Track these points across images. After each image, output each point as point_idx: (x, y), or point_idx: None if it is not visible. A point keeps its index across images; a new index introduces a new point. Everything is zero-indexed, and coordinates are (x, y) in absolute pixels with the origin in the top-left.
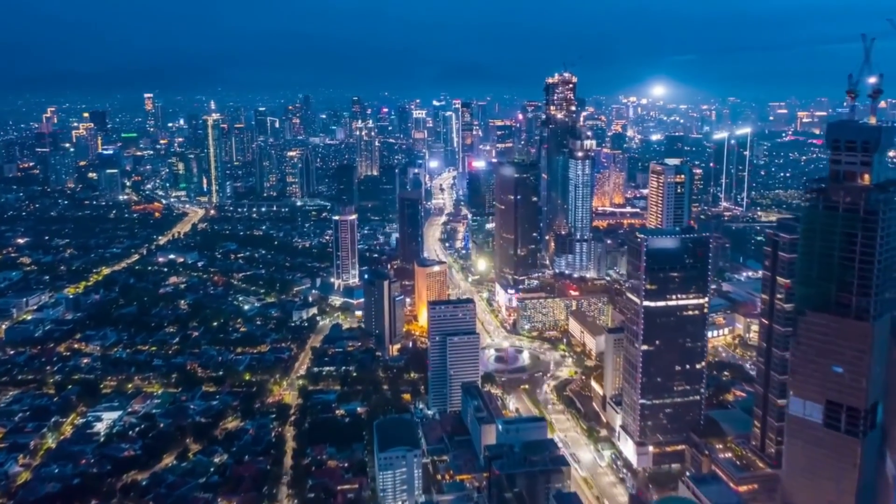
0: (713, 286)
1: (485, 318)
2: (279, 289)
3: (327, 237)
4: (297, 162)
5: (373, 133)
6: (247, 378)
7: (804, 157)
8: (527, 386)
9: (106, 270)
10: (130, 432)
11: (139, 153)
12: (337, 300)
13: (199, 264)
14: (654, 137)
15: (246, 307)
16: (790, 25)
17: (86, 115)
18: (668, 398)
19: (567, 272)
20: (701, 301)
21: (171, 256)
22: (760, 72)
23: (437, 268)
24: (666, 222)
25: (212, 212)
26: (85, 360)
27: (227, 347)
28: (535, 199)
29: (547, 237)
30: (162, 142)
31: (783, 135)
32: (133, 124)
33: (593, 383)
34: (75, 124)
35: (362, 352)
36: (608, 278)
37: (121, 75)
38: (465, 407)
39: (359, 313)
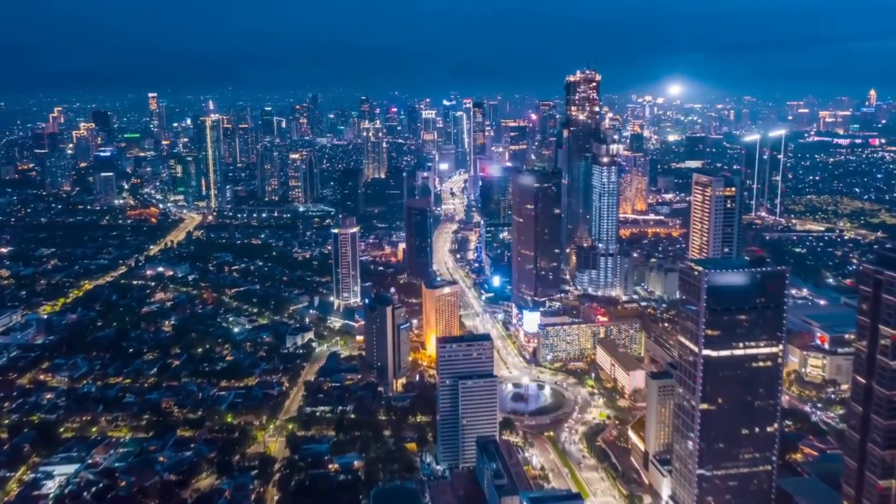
0: None
1: (500, 344)
2: (274, 307)
3: (329, 247)
4: (301, 165)
5: (380, 134)
6: (228, 420)
7: (831, 160)
8: (551, 433)
9: (88, 285)
10: (85, 493)
11: (142, 154)
12: (336, 322)
13: (190, 278)
14: (672, 138)
15: (236, 329)
16: (804, 23)
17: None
18: (731, 468)
19: (590, 290)
20: (774, 350)
21: (160, 269)
22: (775, 70)
23: (447, 289)
24: (713, 243)
25: (209, 218)
26: (48, 396)
27: (210, 380)
28: (557, 210)
29: (567, 250)
30: (164, 142)
31: (805, 135)
32: (140, 124)
33: (631, 433)
34: (82, 124)
35: (362, 387)
36: (636, 297)
37: (132, 74)
38: (480, 467)
39: (360, 338)
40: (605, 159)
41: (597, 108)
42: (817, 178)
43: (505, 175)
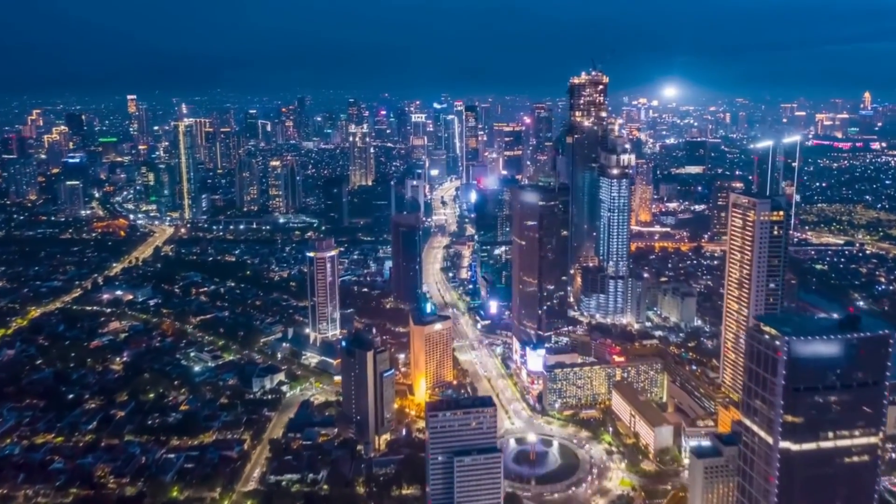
0: None
1: (500, 384)
2: (242, 339)
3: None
4: (281, 172)
5: (368, 139)
6: (174, 494)
7: (835, 165)
8: None
9: (35, 312)
10: None
11: (119, 159)
12: (313, 357)
13: (152, 303)
14: (668, 142)
15: (196, 368)
16: (794, 26)
17: (82, 116)
18: None
19: (598, 317)
20: (873, 440)
21: (119, 293)
22: (765, 72)
23: (439, 326)
24: (757, 277)
25: (182, 230)
26: None
27: (158, 437)
28: (564, 233)
29: (571, 271)
30: (141, 147)
31: (804, 139)
32: (122, 127)
33: None
34: (54, 128)
35: (338, 445)
36: (649, 324)
37: (118, 76)
38: None
39: (338, 378)
40: (615, 171)
41: (604, 114)
42: (824, 184)
43: (502, 188)
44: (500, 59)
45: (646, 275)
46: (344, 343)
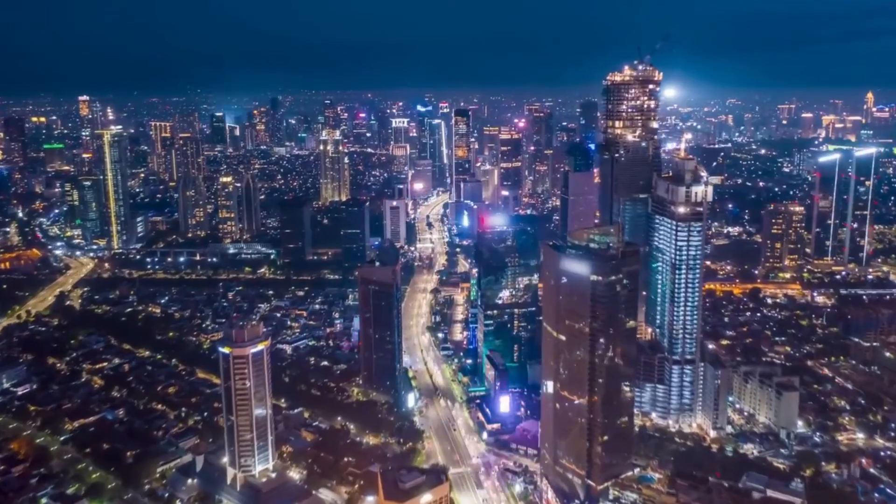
0: None
1: None
2: (129, 469)
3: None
4: (234, 192)
5: (341, 147)
6: None
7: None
8: None
9: None
10: None
11: (66, 168)
12: None
13: (20, 392)
14: (671, 147)
15: None
16: (785, 25)
17: (42, 119)
18: None
19: (654, 417)
20: None
21: None
22: (758, 71)
23: (427, 498)
24: None
25: (105, 265)
26: None
27: None
28: (631, 323)
29: None
30: (85, 155)
31: (815, 142)
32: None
33: None
34: None
35: None
36: (730, 431)
37: (100, 77)
38: None
39: None
40: (683, 209)
41: (654, 125)
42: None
43: (511, 226)
44: (487, 57)
45: (721, 351)
46: None
